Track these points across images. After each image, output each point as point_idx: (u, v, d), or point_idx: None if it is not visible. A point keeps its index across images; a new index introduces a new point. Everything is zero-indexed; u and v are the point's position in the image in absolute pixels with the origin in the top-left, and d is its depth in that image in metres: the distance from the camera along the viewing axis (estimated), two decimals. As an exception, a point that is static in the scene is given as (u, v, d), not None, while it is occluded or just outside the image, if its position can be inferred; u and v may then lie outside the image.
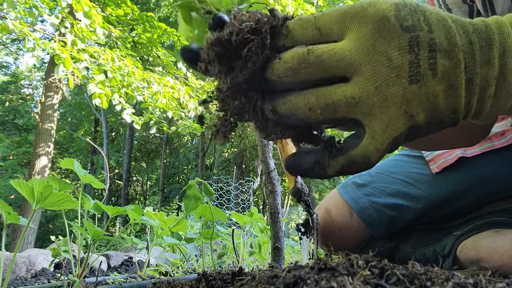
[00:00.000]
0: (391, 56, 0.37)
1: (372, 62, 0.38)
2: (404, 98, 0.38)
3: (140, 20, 5.48)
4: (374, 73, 0.38)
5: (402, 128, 0.39)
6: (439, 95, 0.39)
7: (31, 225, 3.89)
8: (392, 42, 0.38)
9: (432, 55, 0.38)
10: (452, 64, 0.39)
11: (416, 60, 0.38)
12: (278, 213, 0.89)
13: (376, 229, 0.99)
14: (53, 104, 7.11)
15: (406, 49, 0.38)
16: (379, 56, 0.38)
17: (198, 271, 0.94)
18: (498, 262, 0.73)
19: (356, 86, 0.38)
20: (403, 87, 0.38)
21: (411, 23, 0.38)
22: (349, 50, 0.38)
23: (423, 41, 0.38)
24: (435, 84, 0.38)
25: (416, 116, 0.39)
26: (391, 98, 0.38)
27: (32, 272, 1.52)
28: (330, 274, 0.31)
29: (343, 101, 0.38)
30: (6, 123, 16.92)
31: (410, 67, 0.37)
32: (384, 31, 0.38)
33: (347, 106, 0.38)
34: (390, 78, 0.38)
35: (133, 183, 20.34)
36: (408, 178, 0.99)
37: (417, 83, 0.38)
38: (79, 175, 0.91)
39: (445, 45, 0.39)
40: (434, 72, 0.38)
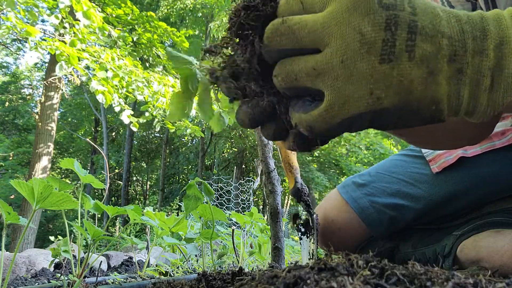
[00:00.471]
0: (364, 31, 0.36)
1: (342, 35, 0.37)
2: (372, 77, 0.37)
3: (140, 19, 5.48)
4: (343, 46, 0.37)
5: (363, 108, 0.37)
6: (415, 81, 0.37)
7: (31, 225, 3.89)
8: (367, 17, 0.37)
9: (410, 36, 0.37)
10: (433, 50, 0.37)
11: (391, 39, 0.36)
12: (278, 213, 0.89)
13: (376, 229, 0.99)
14: (53, 104, 7.11)
15: (382, 26, 0.36)
16: (350, 30, 0.37)
17: (198, 271, 0.94)
18: (498, 262, 0.73)
19: (320, 58, 0.38)
20: (372, 64, 0.36)
21: (391, 2, 0.37)
22: (322, 22, 0.38)
23: (403, 21, 0.37)
24: (411, 67, 0.37)
25: (383, 99, 0.37)
26: (357, 74, 0.37)
27: (32, 272, 1.52)
28: (330, 274, 0.31)
29: (303, 70, 0.39)
30: (6, 123, 16.92)
31: (383, 45, 0.36)
32: (361, 6, 0.37)
33: (308, 76, 0.39)
34: (359, 53, 0.36)
35: (133, 183, 20.34)
36: (409, 178, 0.99)
37: (389, 63, 0.36)
38: (79, 175, 0.91)
39: (428, 29, 0.37)
40: (411, 54, 0.37)
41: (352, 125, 0.39)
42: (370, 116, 0.38)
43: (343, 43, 0.37)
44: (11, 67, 18.11)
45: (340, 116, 0.38)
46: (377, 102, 0.37)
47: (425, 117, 0.39)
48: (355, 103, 0.37)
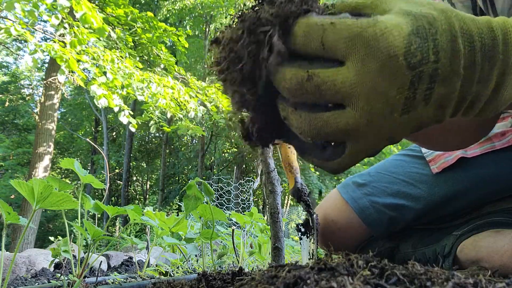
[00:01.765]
0: (389, 96, 0.37)
1: (369, 99, 0.37)
2: (392, 128, 0.39)
3: (140, 20, 5.49)
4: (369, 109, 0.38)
5: (379, 148, 0.42)
6: (425, 118, 0.40)
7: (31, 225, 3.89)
8: (394, 82, 0.36)
9: (430, 86, 0.37)
10: (447, 91, 0.38)
11: (413, 93, 0.37)
12: (278, 213, 0.89)
13: (376, 229, 0.99)
14: (53, 104, 7.11)
15: (406, 86, 0.37)
16: (377, 95, 0.37)
17: (198, 271, 0.94)
18: (498, 262, 0.73)
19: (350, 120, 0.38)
20: (393, 119, 0.38)
21: (419, 59, 0.36)
22: (350, 84, 0.37)
23: (426, 75, 0.37)
24: (424, 110, 0.39)
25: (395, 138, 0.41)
26: (379, 129, 0.39)
27: (32, 272, 1.52)
28: (330, 274, 0.31)
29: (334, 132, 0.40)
30: (6, 123, 16.92)
31: (405, 103, 0.38)
32: (388, 70, 0.36)
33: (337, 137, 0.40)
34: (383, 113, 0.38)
35: (133, 183, 20.34)
36: (408, 178, 0.99)
37: (408, 113, 0.38)
38: (79, 175, 0.91)
39: (446, 73, 0.37)
40: (427, 101, 0.38)
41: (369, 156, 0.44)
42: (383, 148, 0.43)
43: (368, 106, 0.37)
44: (11, 67, 18.12)
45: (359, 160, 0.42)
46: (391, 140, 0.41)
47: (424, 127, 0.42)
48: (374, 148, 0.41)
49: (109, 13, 5.40)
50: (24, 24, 3.76)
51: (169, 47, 10.74)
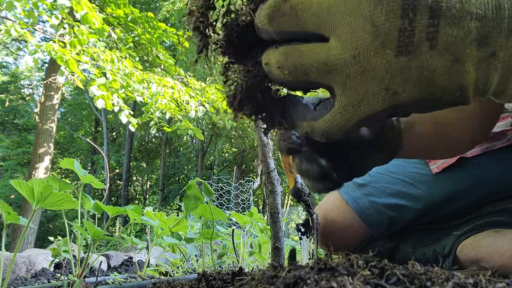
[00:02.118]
0: (376, 21, 0.32)
1: (352, 25, 0.32)
2: (388, 73, 0.33)
3: (140, 20, 5.49)
4: (353, 39, 0.32)
5: (379, 106, 0.34)
6: (437, 70, 0.33)
7: (31, 225, 3.89)
8: (380, 5, 0.32)
9: (433, 22, 0.32)
10: (460, 34, 0.33)
11: (409, 27, 0.32)
12: (278, 213, 0.89)
13: (376, 229, 0.99)
14: (53, 104, 7.11)
15: (398, 13, 0.32)
16: (361, 20, 0.32)
17: (198, 271, 0.94)
18: (498, 262, 0.73)
19: (331, 51, 0.33)
20: (387, 59, 0.32)
21: None
22: (327, 6, 0.33)
23: (423, 4, 0.32)
24: (432, 57, 0.33)
25: (401, 94, 0.33)
26: (370, 70, 0.33)
27: (32, 272, 1.52)
28: (330, 274, 0.31)
29: (314, 65, 0.34)
30: (6, 123, 16.92)
31: (399, 36, 0.32)
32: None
33: (319, 71, 0.34)
34: (372, 47, 0.32)
35: (133, 183, 20.34)
36: (408, 178, 0.99)
37: (407, 55, 0.32)
38: (79, 175, 0.91)
39: (454, 10, 0.32)
40: (433, 42, 0.32)
41: (370, 123, 0.36)
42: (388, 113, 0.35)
43: (353, 36, 0.33)
44: (11, 67, 18.12)
45: (355, 118, 0.35)
46: (394, 97, 0.34)
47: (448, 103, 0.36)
48: (369, 102, 0.34)
49: (109, 14, 5.40)
50: (24, 24, 3.77)
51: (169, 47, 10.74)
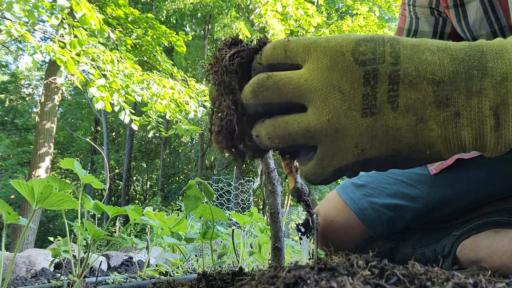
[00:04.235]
0: (343, 89, 0.38)
1: (324, 94, 0.39)
2: (356, 131, 0.38)
3: (140, 21, 5.49)
4: (327, 105, 0.39)
5: (349, 159, 0.40)
6: (402, 129, 0.38)
7: (31, 225, 3.89)
8: (345, 76, 0.38)
9: (392, 87, 0.37)
10: (419, 97, 0.37)
11: (372, 92, 0.37)
12: (278, 213, 0.89)
13: (376, 229, 0.99)
14: (53, 104, 7.11)
15: (361, 82, 0.38)
16: (331, 89, 0.38)
17: (198, 271, 0.94)
18: (498, 263, 0.73)
19: (310, 118, 0.39)
20: (354, 119, 0.38)
21: (369, 57, 0.38)
22: (305, 79, 0.40)
23: (382, 73, 0.38)
24: (395, 117, 0.38)
25: (368, 150, 0.39)
26: (342, 130, 0.38)
27: (32, 272, 1.52)
28: (330, 274, 0.31)
29: (299, 133, 0.40)
30: (6, 123, 16.92)
31: (363, 100, 0.38)
32: (338, 65, 0.39)
33: (304, 137, 0.40)
34: (342, 110, 0.38)
35: (133, 183, 20.34)
36: (407, 178, 0.99)
37: (372, 116, 0.38)
38: (79, 175, 0.91)
39: (411, 77, 0.37)
40: (393, 105, 0.37)
41: (344, 173, 0.42)
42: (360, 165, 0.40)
43: (326, 102, 0.39)
44: (11, 66, 18.12)
45: (330, 168, 0.41)
46: (362, 153, 0.39)
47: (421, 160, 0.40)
48: (342, 156, 0.40)
49: (109, 14, 5.40)
50: (24, 24, 3.76)
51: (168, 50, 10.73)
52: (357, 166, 0.40)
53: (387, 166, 0.41)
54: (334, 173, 0.41)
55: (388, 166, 0.41)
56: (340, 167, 0.40)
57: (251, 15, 8.43)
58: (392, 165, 0.41)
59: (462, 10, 0.82)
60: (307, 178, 0.43)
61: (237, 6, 11.15)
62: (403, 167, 0.42)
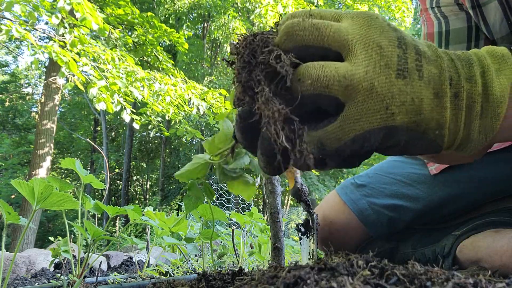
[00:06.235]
0: (382, 45, 0.38)
1: (365, 45, 0.38)
2: (389, 91, 0.37)
3: (140, 20, 5.49)
4: (366, 57, 0.38)
5: (376, 123, 0.37)
6: (424, 100, 0.38)
7: (31, 225, 3.89)
8: (383, 34, 0.39)
9: (418, 57, 0.39)
10: (437, 72, 0.39)
11: (404, 56, 0.38)
12: (278, 213, 0.89)
13: (375, 230, 0.99)
14: (53, 104, 7.11)
15: (395, 43, 0.38)
16: (371, 42, 0.38)
17: (198, 271, 0.94)
18: (498, 263, 0.73)
19: (350, 66, 0.37)
20: (390, 79, 0.37)
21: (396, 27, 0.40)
22: (345, 27, 0.39)
23: (409, 43, 0.39)
24: (421, 86, 0.38)
25: (397, 115, 0.37)
26: (376, 87, 0.37)
27: (32, 272, 1.52)
28: (330, 274, 0.31)
29: (335, 77, 0.37)
30: (6, 123, 16.91)
31: (398, 60, 0.38)
32: (375, 24, 0.39)
33: (340, 85, 0.37)
34: (380, 66, 0.37)
35: (133, 183, 20.34)
36: (407, 179, 0.99)
37: (404, 79, 0.38)
38: (80, 175, 0.91)
39: (429, 53, 0.40)
40: (420, 73, 0.38)
41: (364, 143, 0.38)
42: (382, 134, 0.38)
43: (365, 54, 0.38)
44: (11, 66, 18.11)
45: (352, 132, 0.37)
46: (391, 117, 0.37)
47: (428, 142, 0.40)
48: (369, 118, 0.37)
49: (109, 14, 5.40)
50: (24, 24, 3.76)
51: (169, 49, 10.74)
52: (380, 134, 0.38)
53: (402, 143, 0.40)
54: (355, 139, 0.37)
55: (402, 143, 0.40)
56: (364, 132, 0.37)
57: (251, 15, 8.43)
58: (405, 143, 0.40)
59: (479, 11, 0.81)
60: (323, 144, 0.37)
61: (236, 6, 11.14)
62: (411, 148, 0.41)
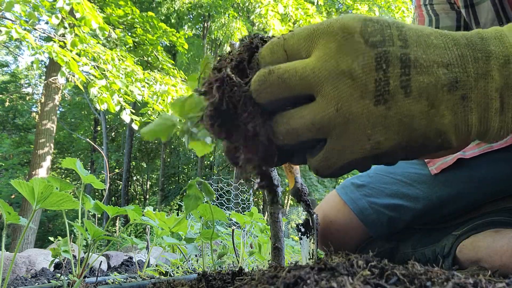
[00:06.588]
0: (354, 75, 0.35)
1: (334, 81, 0.35)
2: (369, 121, 0.35)
3: (140, 19, 5.49)
4: (336, 93, 0.35)
5: (360, 154, 0.36)
6: (416, 116, 0.35)
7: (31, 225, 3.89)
8: (356, 60, 0.35)
9: (404, 71, 0.35)
10: (431, 81, 0.36)
11: (384, 77, 0.35)
12: (278, 213, 0.89)
13: (376, 229, 0.99)
14: (54, 104, 7.11)
15: (373, 66, 0.35)
16: (341, 75, 0.35)
17: (198, 271, 0.94)
18: (498, 262, 0.73)
19: (316, 110, 0.36)
20: (367, 108, 0.35)
21: (379, 39, 0.35)
22: (312, 68, 0.36)
23: (394, 56, 0.35)
24: (409, 103, 0.35)
25: (383, 143, 0.36)
26: (353, 121, 0.35)
27: (32, 272, 1.52)
28: (330, 274, 0.31)
29: (304, 126, 0.37)
30: (6, 123, 16.91)
31: (376, 86, 0.35)
32: (347, 48, 0.35)
33: (309, 131, 0.37)
34: (353, 98, 0.35)
35: (133, 183, 20.34)
36: (407, 178, 0.99)
37: (385, 103, 0.35)
38: (80, 175, 0.91)
39: (422, 60, 0.36)
40: (407, 90, 0.35)
41: (355, 167, 0.38)
42: (372, 160, 0.37)
43: (335, 90, 0.35)
44: (11, 66, 18.11)
45: (338, 163, 0.38)
46: (376, 146, 0.36)
47: (432, 149, 0.38)
48: (353, 150, 0.36)
49: (109, 13, 5.40)
50: (25, 24, 3.76)
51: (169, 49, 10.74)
52: (370, 160, 0.37)
53: (399, 157, 0.38)
54: (342, 168, 0.38)
55: (399, 157, 0.38)
56: (350, 161, 0.37)
57: (251, 15, 8.43)
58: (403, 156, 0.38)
59: (472, 11, 0.81)
60: (317, 170, 0.39)
61: (236, 6, 11.14)
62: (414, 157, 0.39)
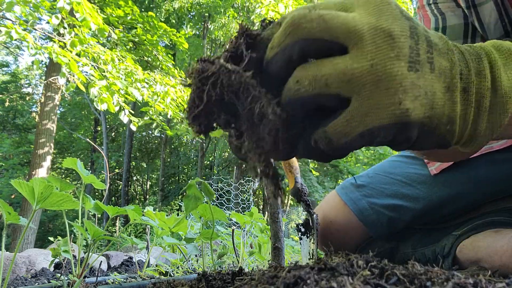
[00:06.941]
0: (393, 34, 0.34)
1: (373, 35, 0.34)
2: (401, 85, 0.34)
3: (140, 19, 5.49)
4: (373, 48, 0.34)
5: (387, 119, 0.34)
6: (437, 94, 0.36)
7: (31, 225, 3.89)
8: (395, 22, 0.35)
9: (429, 49, 0.36)
10: (448, 65, 0.37)
11: (416, 47, 0.35)
12: (278, 213, 0.89)
13: (375, 230, 0.99)
14: (54, 104, 7.11)
15: (408, 33, 0.35)
16: (380, 31, 0.34)
17: (198, 271, 0.94)
18: (498, 263, 0.73)
19: (350, 60, 0.34)
20: (401, 71, 0.34)
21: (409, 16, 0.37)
22: (353, 17, 0.35)
23: (421, 33, 0.36)
24: (433, 79, 0.35)
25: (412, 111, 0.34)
26: (386, 79, 0.34)
27: (32, 272, 1.52)
28: (330, 274, 0.31)
29: (334, 74, 0.34)
30: (6, 123, 16.91)
31: (410, 52, 0.34)
32: (387, 11, 0.36)
33: (340, 81, 0.34)
34: (389, 57, 0.34)
35: (133, 183, 20.34)
36: (407, 179, 0.99)
37: (416, 72, 0.34)
38: (81, 175, 0.91)
39: (440, 45, 0.37)
40: (432, 66, 0.36)
41: (374, 138, 0.35)
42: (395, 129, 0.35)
43: (373, 45, 0.34)
44: (11, 66, 18.11)
45: (359, 129, 0.34)
46: (405, 113, 0.34)
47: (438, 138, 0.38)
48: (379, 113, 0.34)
49: (109, 13, 5.40)
50: (25, 24, 3.77)
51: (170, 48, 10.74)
52: (394, 129, 0.35)
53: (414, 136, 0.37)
54: (363, 135, 0.35)
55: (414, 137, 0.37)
56: (373, 128, 0.34)
57: (251, 15, 8.43)
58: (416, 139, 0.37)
59: (475, 11, 0.81)
60: (330, 139, 0.36)
61: (235, 6, 11.14)
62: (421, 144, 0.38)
